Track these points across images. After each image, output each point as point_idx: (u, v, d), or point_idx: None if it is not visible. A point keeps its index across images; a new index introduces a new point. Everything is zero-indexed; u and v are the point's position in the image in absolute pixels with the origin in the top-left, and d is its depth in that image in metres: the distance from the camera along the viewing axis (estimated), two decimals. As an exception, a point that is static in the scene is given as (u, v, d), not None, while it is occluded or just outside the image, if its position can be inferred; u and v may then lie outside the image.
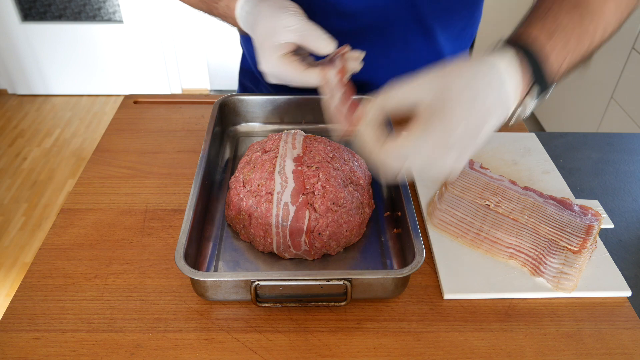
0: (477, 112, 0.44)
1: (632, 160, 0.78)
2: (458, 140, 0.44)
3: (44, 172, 2.23)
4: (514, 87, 0.46)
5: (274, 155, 0.61)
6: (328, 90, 0.59)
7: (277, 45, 0.60)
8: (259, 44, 0.62)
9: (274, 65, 0.61)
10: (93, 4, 2.56)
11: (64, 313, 0.53)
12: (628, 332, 0.52)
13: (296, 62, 0.61)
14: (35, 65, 2.69)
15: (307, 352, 0.50)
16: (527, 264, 0.57)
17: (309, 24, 0.60)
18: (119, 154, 0.75)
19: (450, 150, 0.44)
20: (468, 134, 0.45)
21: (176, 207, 0.66)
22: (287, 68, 0.61)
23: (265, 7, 0.62)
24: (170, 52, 2.69)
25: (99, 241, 0.61)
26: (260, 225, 0.57)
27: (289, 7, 0.61)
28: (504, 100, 0.46)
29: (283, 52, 0.60)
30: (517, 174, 0.72)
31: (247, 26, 0.65)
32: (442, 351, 0.50)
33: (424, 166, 0.45)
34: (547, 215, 0.63)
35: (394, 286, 0.52)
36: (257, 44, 0.62)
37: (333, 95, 0.59)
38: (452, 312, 0.54)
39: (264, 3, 0.62)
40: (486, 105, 0.45)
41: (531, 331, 0.52)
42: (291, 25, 0.60)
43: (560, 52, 0.49)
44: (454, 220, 0.63)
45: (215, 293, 0.52)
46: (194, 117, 0.83)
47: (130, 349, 0.50)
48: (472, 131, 0.45)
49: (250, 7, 0.64)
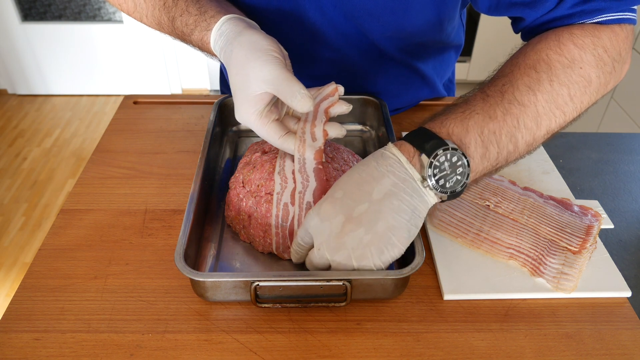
0: (354, 179, 0.49)
1: (632, 160, 0.78)
2: (340, 204, 0.49)
3: (44, 172, 2.23)
4: (396, 152, 0.49)
5: (273, 155, 0.61)
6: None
7: (251, 97, 0.53)
8: (233, 90, 0.56)
9: (251, 122, 0.55)
10: (93, 4, 2.56)
11: (63, 314, 0.53)
12: (628, 332, 0.52)
13: (274, 125, 0.55)
14: (35, 65, 2.69)
15: (307, 352, 0.50)
16: (527, 265, 0.57)
17: (283, 74, 0.52)
18: (119, 154, 0.75)
19: (337, 215, 0.49)
20: (349, 198, 0.49)
21: (176, 207, 0.66)
22: (263, 129, 0.55)
23: (237, 48, 0.54)
24: (170, 52, 2.69)
25: (99, 242, 0.61)
26: (260, 225, 0.57)
27: (263, 50, 0.53)
28: (390, 164, 0.49)
29: (260, 106, 0.54)
30: (517, 174, 0.72)
31: (225, 63, 0.57)
32: (442, 352, 0.50)
33: (327, 240, 0.49)
34: (547, 216, 0.63)
35: (394, 287, 0.52)
36: (232, 89, 0.56)
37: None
38: (452, 312, 0.54)
39: (237, 42, 0.54)
40: (367, 172, 0.49)
41: (531, 331, 0.52)
42: (264, 75, 0.52)
43: (457, 124, 0.50)
44: (454, 220, 0.62)
45: (215, 294, 0.52)
46: (194, 118, 0.83)
47: (129, 350, 0.50)
48: (354, 195, 0.49)
49: (224, 43, 0.56)
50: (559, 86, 0.51)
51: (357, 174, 0.50)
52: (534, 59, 0.53)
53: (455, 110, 0.51)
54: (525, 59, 0.53)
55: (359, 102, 0.78)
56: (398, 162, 0.49)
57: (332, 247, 0.49)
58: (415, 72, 0.78)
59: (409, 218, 0.48)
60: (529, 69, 0.52)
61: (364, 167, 0.50)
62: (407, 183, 0.48)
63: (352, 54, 0.72)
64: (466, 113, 0.50)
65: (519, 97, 0.50)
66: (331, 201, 0.49)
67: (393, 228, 0.47)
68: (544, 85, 0.51)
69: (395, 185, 0.48)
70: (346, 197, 0.49)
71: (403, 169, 0.49)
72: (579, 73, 0.52)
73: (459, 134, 0.49)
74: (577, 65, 0.52)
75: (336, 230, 0.48)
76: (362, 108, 0.78)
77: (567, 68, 0.52)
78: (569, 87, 0.52)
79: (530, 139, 0.52)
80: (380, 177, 0.48)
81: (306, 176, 0.57)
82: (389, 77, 0.77)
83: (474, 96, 0.52)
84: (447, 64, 0.84)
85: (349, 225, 0.48)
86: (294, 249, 0.54)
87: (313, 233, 0.50)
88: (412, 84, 0.80)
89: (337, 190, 0.50)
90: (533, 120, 0.51)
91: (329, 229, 0.49)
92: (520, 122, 0.50)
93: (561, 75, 0.51)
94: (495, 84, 0.52)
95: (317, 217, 0.49)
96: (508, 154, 0.51)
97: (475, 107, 0.50)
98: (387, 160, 0.49)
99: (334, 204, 0.49)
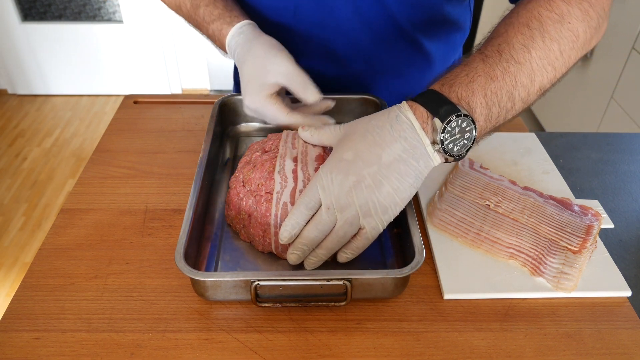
0: (368, 141, 0.51)
1: (632, 160, 0.78)
2: (351, 166, 0.51)
3: (44, 172, 2.23)
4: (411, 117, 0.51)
5: (273, 155, 0.61)
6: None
7: (265, 84, 0.63)
8: (246, 79, 0.65)
9: (260, 103, 0.64)
10: (93, 4, 2.56)
11: (63, 313, 0.53)
12: (628, 332, 0.52)
13: (281, 104, 0.64)
14: (35, 65, 2.69)
15: (307, 352, 0.50)
16: (527, 264, 0.57)
17: (298, 70, 0.62)
18: (119, 154, 0.75)
19: (348, 176, 0.50)
20: (360, 159, 0.51)
21: (176, 207, 0.66)
22: (272, 108, 0.64)
23: (258, 46, 0.64)
24: (170, 52, 2.69)
25: (99, 241, 0.61)
26: (260, 225, 0.57)
27: (281, 50, 0.63)
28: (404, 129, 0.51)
29: (270, 91, 0.63)
30: (517, 174, 0.72)
31: (236, 57, 0.67)
32: (442, 351, 0.50)
33: (337, 197, 0.51)
34: (547, 215, 0.63)
35: (394, 286, 0.52)
36: (245, 78, 0.65)
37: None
38: (452, 312, 0.54)
39: (257, 41, 0.65)
40: (381, 136, 0.51)
41: (531, 331, 0.52)
42: (282, 69, 0.62)
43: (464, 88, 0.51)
44: (454, 220, 0.63)
45: (215, 293, 0.52)
46: (194, 117, 0.83)
47: (130, 349, 0.50)
48: (364, 157, 0.51)
49: (243, 40, 0.66)
50: (550, 42, 0.54)
51: (371, 135, 0.52)
52: (527, 17, 0.55)
53: (459, 73, 0.53)
54: (518, 17, 0.56)
55: (359, 102, 0.78)
56: (411, 127, 0.51)
57: (341, 205, 0.50)
58: (420, 50, 0.79)
59: (412, 181, 0.51)
60: (522, 27, 0.54)
61: (378, 131, 0.52)
62: (416, 149, 0.51)
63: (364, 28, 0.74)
64: (470, 76, 0.52)
65: (515, 55, 0.53)
66: (344, 163, 0.51)
67: (397, 190, 0.51)
68: (537, 42, 0.53)
69: (405, 151, 0.50)
70: (357, 158, 0.51)
71: (415, 135, 0.51)
72: (567, 27, 0.54)
73: (466, 98, 0.51)
74: (566, 20, 0.54)
75: (346, 189, 0.50)
76: (362, 108, 0.78)
77: (557, 23, 0.54)
78: (559, 42, 0.54)
79: (525, 95, 0.54)
80: (392, 141, 0.51)
81: (307, 175, 0.57)
82: (393, 52, 0.79)
83: (474, 57, 0.54)
84: (451, 47, 0.85)
85: (358, 185, 0.50)
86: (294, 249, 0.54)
87: (322, 193, 0.51)
88: (415, 62, 0.81)
89: (347, 151, 0.52)
90: (528, 77, 0.53)
91: (338, 188, 0.50)
92: (517, 80, 0.53)
93: (552, 30, 0.54)
94: (492, 44, 0.55)
95: (329, 175, 0.51)
96: (507, 112, 0.54)
97: (477, 69, 0.52)
98: (402, 125, 0.51)
99: (346, 166, 0.51)
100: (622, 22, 1.75)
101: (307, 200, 0.52)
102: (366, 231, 0.52)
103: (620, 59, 1.76)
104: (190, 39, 2.65)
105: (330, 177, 0.51)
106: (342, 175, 0.50)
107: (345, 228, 0.51)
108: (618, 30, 1.78)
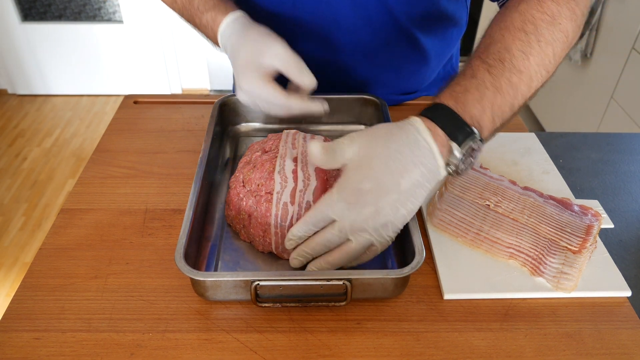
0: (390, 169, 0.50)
1: (632, 160, 0.78)
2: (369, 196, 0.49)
3: (44, 172, 2.23)
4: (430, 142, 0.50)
5: (273, 155, 0.61)
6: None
7: (261, 67, 0.62)
8: (243, 62, 0.64)
9: (257, 85, 0.63)
10: (93, 4, 2.56)
11: (63, 313, 0.53)
12: (628, 332, 0.52)
13: (279, 87, 0.63)
14: (35, 65, 2.69)
15: (307, 352, 0.50)
16: (527, 264, 0.57)
17: (294, 56, 0.63)
18: (119, 154, 0.75)
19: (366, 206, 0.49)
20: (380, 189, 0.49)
21: (176, 207, 0.66)
22: (269, 89, 0.62)
23: (254, 32, 0.65)
24: (170, 52, 2.69)
25: (99, 241, 0.61)
26: (260, 225, 0.57)
27: (277, 37, 0.64)
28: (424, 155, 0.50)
29: (266, 72, 0.63)
30: (517, 174, 0.72)
31: (230, 44, 0.66)
32: (442, 351, 0.50)
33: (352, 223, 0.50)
34: (547, 215, 0.63)
35: (394, 286, 0.52)
36: (239, 64, 0.64)
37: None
38: (452, 312, 0.54)
39: (253, 28, 0.65)
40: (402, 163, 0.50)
41: (531, 331, 0.52)
42: (278, 53, 0.62)
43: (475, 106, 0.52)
44: (454, 220, 0.63)
45: (215, 293, 0.52)
46: (194, 117, 0.83)
47: (130, 349, 0.50)
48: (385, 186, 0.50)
49: (239, 28, 0.66)
50: (545, 45, 0.54)
51: (393, 162, 0.50)
52: (521, 20, 0.55)
53: (469, 87, 0.53)
54: (512, 21, 0.56)
55: (359, 102, 0.78)
56: (430, 152, 0.50)
57: (355, 229, 0.50)
58: (416, 45, 0.80)
59: (423, 200, 0.52)
60: (518, 32, 0.55)
61: (399, 157, 0.50)
62: (432, 174, 0.51)
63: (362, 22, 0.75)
64: (480, 90, 0.52)
65: (516, 63, 0.53)
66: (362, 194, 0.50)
67: (411, 212, 0.52)
68: (534, 47, 0.54)
69: (423, 176, 0.50)
70: (377, 188, 0.50)
71: (433, 160, 0.51)
72: (559, 29, 0.55)
73: (478, 116, 0.52)
74: (557, 21, 0.55)
75: (362, 218, 0.50)
76: (362, 108, 0.78)
77: (549, 25, 0.55)
78: (553, 45, 0.55)
79: (522, 103, 0.55)
80: (412, 168, 0.50)
81: (307, 175, 0.57)
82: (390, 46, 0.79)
83: (478, 67, 0.54)
84: (447, 42, 0.85)
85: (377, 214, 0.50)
86: (297, 255, 0.54)
87: (336, 217, 0.51)
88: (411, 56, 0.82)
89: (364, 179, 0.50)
90: (527, 85, 0.54)
91: (354, 216, 0.50)
92: (518, 90, 0.53)
93: (546, 34, 0.54)
94: (491, 51, 0.55)
95: (345, 204, 0.50)
96: (505, 122, 0.55)
97: (485, 81, 0.53)
98: (421, 150, 0.50)
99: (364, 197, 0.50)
100: (622, 22, 1.75)
101: (315, 220, 0.52)
102: (376, 248, 0.52)
103: (620, 59, 1.76)
104: (190, 39, 2.65)
105: (346, 205, 0.50)
106: (360, 206, 0.50)
107: (357, 249, 0.51)
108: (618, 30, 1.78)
